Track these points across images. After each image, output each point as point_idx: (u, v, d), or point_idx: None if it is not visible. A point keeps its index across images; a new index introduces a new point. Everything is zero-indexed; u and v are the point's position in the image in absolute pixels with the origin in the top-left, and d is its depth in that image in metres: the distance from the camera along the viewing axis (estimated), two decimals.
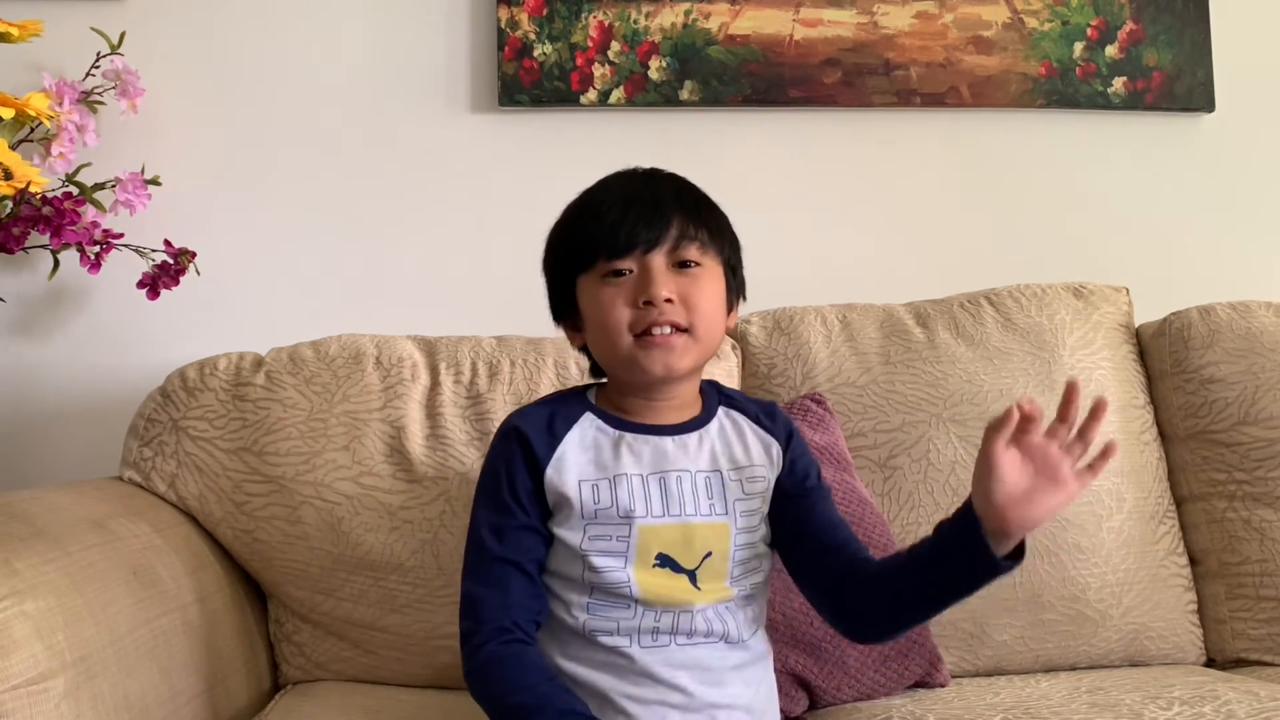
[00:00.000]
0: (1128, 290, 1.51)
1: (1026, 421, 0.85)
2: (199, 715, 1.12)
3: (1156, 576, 1.36)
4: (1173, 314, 1.47)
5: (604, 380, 1.03)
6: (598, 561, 0.94)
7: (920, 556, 0.93)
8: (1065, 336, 1.42)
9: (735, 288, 1.01)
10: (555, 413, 0.99)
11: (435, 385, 1.35)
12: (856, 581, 0.97)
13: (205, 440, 1.31)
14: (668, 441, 0.98)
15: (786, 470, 1.01)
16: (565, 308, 1.01)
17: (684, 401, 1.01)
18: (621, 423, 0.99)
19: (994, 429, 0.85)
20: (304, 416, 1.31)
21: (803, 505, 1.00)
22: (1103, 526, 1.34)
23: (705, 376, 1.05)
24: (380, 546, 1.28)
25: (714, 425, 1.01)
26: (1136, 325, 1.51)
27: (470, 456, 1.31)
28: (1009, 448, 0.86)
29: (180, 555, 1.21)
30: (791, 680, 1.20)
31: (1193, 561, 1.40)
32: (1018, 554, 0.88)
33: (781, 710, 1.17)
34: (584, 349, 1.03)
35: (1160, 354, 1.46)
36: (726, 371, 1.40)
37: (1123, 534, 1.35)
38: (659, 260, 0.95)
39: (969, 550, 0.87)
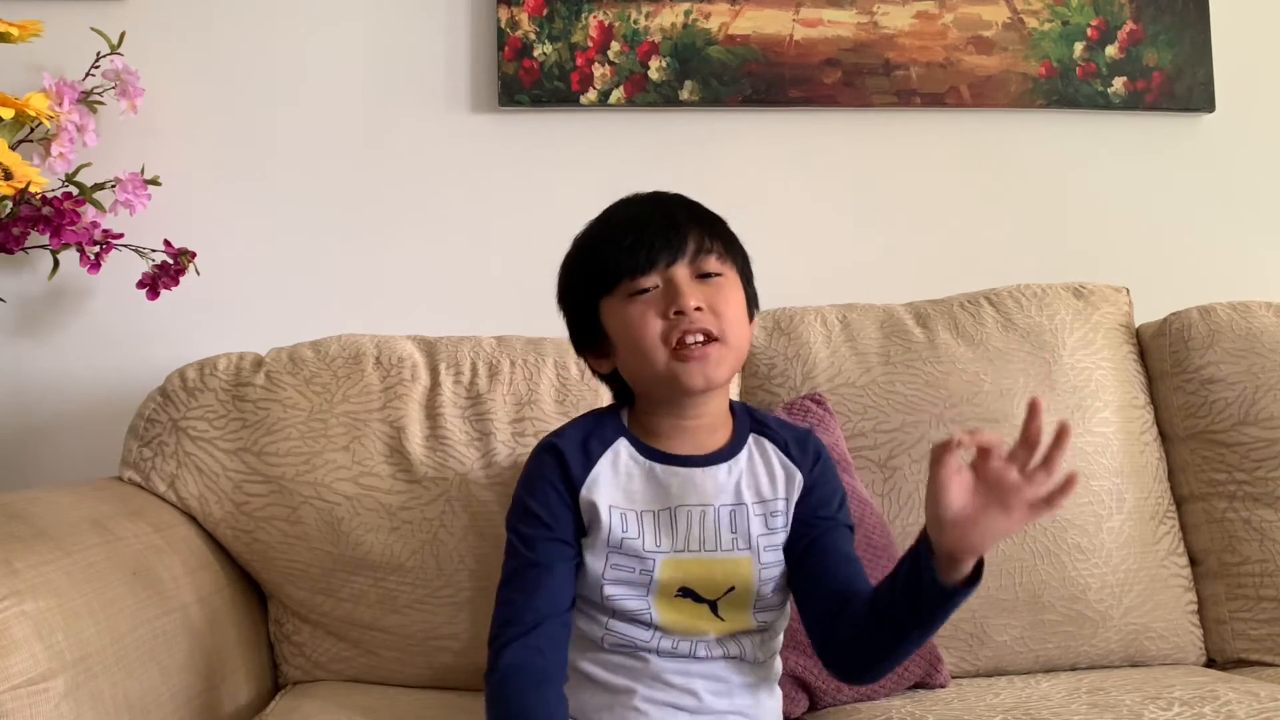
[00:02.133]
0: (1128, 290, 1.51)
1: (984, 451, 0.82)
2: (199, 715, 1.12)
3: (1156, 577, 1.36)
4: (1173, 314, 1.47)
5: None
6: (618, 591, 0.96)
7: (884, 583, 0.91)
8: (1065, 337, 1.42)
9: (751, 298, 1.02)
10: (591, 434, 1.00)
11: (435, 385, 1.35)
12: (846, 614, 0.94)
13: (205, 440, 1.31)
14: (696, 473, 0.98)
15: (804, 494, 1.00)
16: (588, 336, 1.01)
17: (715, 421, 1.01)
18: (653, 452, 0.99)
19: (942, 451, 0.82)
20: (304, 417, 1.31)
21: (815, 529, 0.99)
22: (1103, 527, 1.34)
23: None
24: (380, 547, 1.28)
25: (743, 455, 1.00)
26: (1136, 325, 1.51)
27: (470, 457, 1.31)
28: (961, 470, 0.82)
29: (180, 555, 1.21)
30: (792, 681, 1.20)
31: (1193, 562, 1.40)
32: (974, 580, 0.85)
33: (782, 711, 1.17)
34: (607, 378, 1.03)
35: (1160, 354, 1.46)
36: None
37: (1123, 534, 1.35)
38: (682, 272, 0.95)
39: (918, 575, 0.85)
